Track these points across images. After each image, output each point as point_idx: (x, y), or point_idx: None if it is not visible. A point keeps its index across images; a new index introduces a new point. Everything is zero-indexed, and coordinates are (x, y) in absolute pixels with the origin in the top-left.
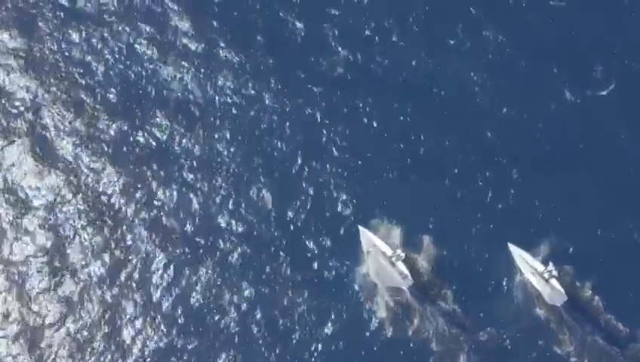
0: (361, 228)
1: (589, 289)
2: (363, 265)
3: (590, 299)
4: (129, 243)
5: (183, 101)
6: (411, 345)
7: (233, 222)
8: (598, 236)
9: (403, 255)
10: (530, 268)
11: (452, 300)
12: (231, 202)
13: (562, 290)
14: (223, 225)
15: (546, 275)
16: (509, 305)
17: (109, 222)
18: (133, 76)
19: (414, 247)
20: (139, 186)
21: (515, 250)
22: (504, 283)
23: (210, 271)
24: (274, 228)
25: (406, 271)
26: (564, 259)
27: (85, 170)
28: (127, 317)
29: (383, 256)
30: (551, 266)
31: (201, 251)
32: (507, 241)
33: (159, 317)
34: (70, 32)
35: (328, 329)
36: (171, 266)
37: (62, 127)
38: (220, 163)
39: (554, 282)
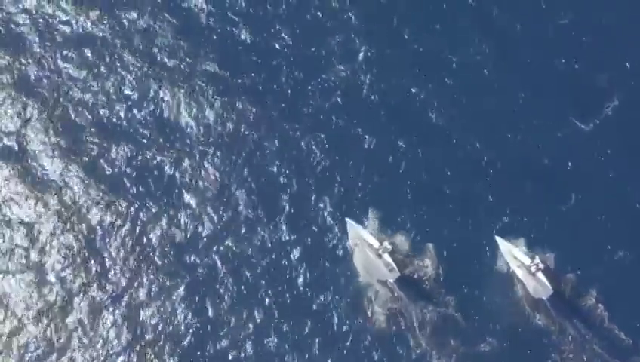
0: (348, 220)
1: (592, 298)
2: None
3: (594, 308)
4: (122, 269)
5: (180, 122)
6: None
7: (233, 246)
8: (604, 245)
9: (390, 247)
10: (517, 261)
11: (454, 307)
12: (228, 226)
13: (548, 284)
14: (223, 249)
15: (533, 268)
16: (511, 314)
17: (106, 244)
18: (131, 97)
19: (419, 255)
20: (134, 210)
21: (503, 243)
22: (508, 292)
23: (207, 298)
24: (276, 251)
25: (393, 264)
26: (567, 267)
27: (80, 193)
28: (118, 348)
29: (369, 249)
30: (537, 259)
31: (200, 276)
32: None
33: (157, 345)
34: (65, 52)
35: (331, 348)
36: (167, 292)
37: (55, 147)
38: (218, 185)
39: (540, 275)
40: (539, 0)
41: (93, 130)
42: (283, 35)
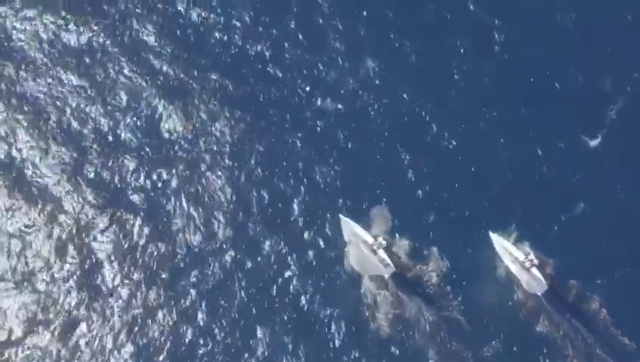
0: (342, 217)
1: (596, 302)
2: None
3: (597, 312)
4: (124, 281)
5: (183, 132)
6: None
7: (236, 257)
8: (607, 252)
9: (384, 243)
10: (511, 256)
11: (458, 311)
12: (231, 238)
13: (543, 279)
14: (226, 261)
15: (527, 264)
16: (515, 319)
17: (108, 256)
18: (133, 107)
19: (423, 259)
20: (137, 221)
21: (497, 239)
22: (512, 297)
23: (210, 311)
24: (279, 263)
25: (387, 259)
26: (571, 273)
27: (82, 203)
28: (120, 361)
29: (364, 245)
30: (532, 255)
31: (202, 288)
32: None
33: (159, 358)
34: (67, 62)
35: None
36: (170, 305)
37: (56, 158)
38: (221, 196)
39: (534, 271)
40: (540, 7)
41: (94, 140)
42: (286, 45)
